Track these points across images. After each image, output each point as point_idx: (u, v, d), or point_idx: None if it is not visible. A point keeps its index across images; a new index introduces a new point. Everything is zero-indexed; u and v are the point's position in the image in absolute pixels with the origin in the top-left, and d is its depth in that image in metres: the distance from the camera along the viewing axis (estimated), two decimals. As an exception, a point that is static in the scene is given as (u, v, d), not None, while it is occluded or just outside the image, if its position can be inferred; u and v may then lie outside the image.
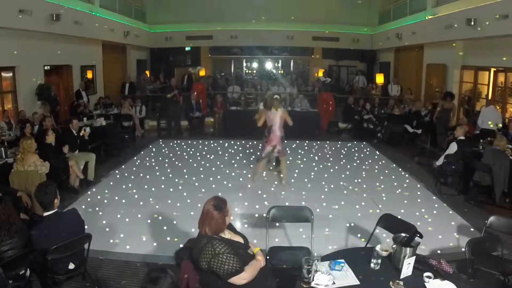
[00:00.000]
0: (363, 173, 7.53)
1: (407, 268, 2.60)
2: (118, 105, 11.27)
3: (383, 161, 8.53)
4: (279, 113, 6.51)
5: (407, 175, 7.48)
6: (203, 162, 8.16)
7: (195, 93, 12.11)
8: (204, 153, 9.01)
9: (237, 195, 6.22)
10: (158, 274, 2.07)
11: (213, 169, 7.70)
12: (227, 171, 7.54)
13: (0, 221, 3.19)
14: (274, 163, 7.57)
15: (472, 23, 9.05)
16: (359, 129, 11.25)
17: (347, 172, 7.58)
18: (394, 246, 2.73)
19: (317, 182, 6.93)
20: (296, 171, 7.57)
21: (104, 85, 13.32)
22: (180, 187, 6.58)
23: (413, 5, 13.61)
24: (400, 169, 7.86)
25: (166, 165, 7.96)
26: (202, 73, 14.22)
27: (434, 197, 6.32)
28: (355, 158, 8.71)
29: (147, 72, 15.69)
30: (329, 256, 2.87)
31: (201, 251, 2.51)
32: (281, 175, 6.92)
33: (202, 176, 7.24)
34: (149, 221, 5.25)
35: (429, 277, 2.54)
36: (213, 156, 8.73)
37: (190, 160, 8.31)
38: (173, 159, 8.45)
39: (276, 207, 3.85)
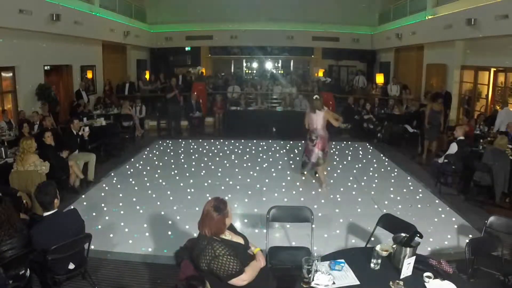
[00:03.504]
0: (363, 173, 7.53)
1: (407, 268, 2.60)
2: (118, 105, 11.27)
3: (383, 161, 8.53)
4: (321, 114, 6.34)
5: (407, 175, 7.47)
6: (203, 162, 8.16)
7: (195, 93, 12.11)
8: (204, 153, 9.00)
9: (237, 195, 6.22)
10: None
11: (213, 169, 7.69)
12: (227, 171, 7.53)
13: (0, 221, 3.19)
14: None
15: (472, 23, 9.05)
16: (359, 129, 11.24)
17: (347, 172, 7.57)
18: (394, 246, 2.73)
19: (318, 182, 6.92)
20: (293, 166, 7.58)
21: (104, 85, 13.32)
22: (180, 187, 6.58)
23: (413, 5, 13.60)
24: (400, 169, 7.86)
25: (166, 165, 7.96)
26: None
27: (434, 197, 6.32)
28: (355, 158, 8.71)
29: (147, 72, 15.68)
30: (329, 256, 2.87)
31: (201, 252, 2.50)
32: (320, 179, 6.70)
33: (202, 176, 7.24)
34: (149, 221, 5.25)
35: (429, 277, 2.54)
36: (213, 156, 8.73)
37: (190, 160, 8.31)
38: (173, 159, 8.45)
39: (276, 207, 3.84)
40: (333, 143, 10.09)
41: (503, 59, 9.10)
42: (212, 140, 10.28)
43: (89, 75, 12.64)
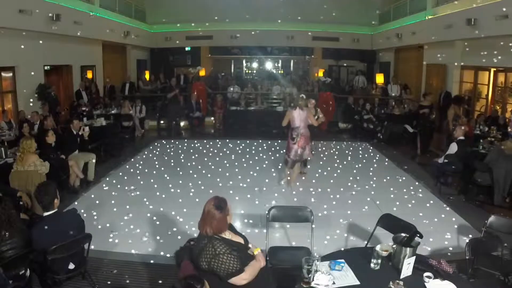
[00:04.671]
0: (363, 173, 7.53)
1: (407, 268, 2.60)
2: (118, 105, 11.27)
3: (383, 161, 8.53)
4: (305, 112, 6.35)
5: (407, 175, 7.47)
6: (203, 162, 8.16)
7: (195, 93, 12.12)
8: (204, 153, 9.01)
9: (237, 195, 6.21)
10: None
11: (213, 169, 7.69)
12: (227, 171, 7.53)
13: (0, 221, 3.19)
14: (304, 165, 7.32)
15: (472, 23, 9.05)
16: (359, 129, 11.25)
17: (347, 172, 7.57)
18: (394, 246, 2.73)
19: (317, 182, 6.93)
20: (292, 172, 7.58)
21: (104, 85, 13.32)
22: (180, 187, 6.58)
23: (413, 5, 13.61)
24: (400, 169, 7.86)
25: (166, 165, 7.95)
26: (202, 73, 14.21)
27: (434, 197, 6.32)
28: (355, 158, 8.71)
29: (147, 72, 15.69)
30: (329, 256, 2.87)
31: (202, 251, 2.50)
32: (292, 178, 6.70)
33: (202, 176, 7.23)
34: (149, 221, 5.25)
35: (429, 277, 2.54)
36: (213, 156, 8.73)
37: (190, 160, 8.31)
38: (173, 159, 8.45)
39: (276, 207, 3.85)
40: (333, 143, 10.15)
41: (503, 59, 9.09)
42: (212, 140, 10.28)
43: (89, 75, 12.63)
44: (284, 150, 6.73)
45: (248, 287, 2.54)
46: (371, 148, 9.82)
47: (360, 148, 9.77)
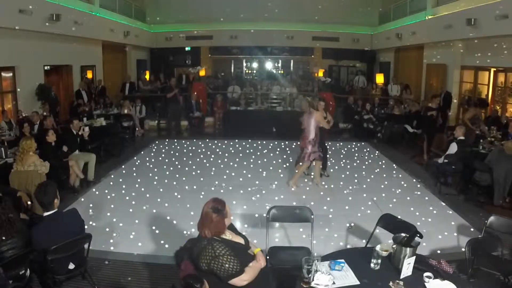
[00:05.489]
0: (363, 173, 7.53)
1: (407, 268, 2.60)
2: (118, 105, 11.27)
3: (383, 161, 8.53)
4: (312, 115, 6.39)
5: (407, 175, 7.47)
6: (203, 162, 8.16)
7: (195, 93, 12.12)
8: (204, 153, 9.01)
9: (237, 195, 6.22)
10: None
11: (213, 169, 7.70)
12: (227, 171, 7.54)
13: (0, 221, 3.19)
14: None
15: (472, 23, 9.05)
16: (359, 129, 11.25)
17: (347, 172, 7.58)
18: (394, 246, 2.73)
19: (314, 183, 6.92)
20: (296, 171, 7.57)
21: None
22: (179, 187, 6.58)
23: (413, 5, 13.61)
24: (400, 169, 7.86)
25: (166, 165, 7.96)
26: (202, 73, 14.21)
27: (434, 197, 6.32)
28: (355, 158, 8.71)
29: (147, 72, 15.68)
30: (329, 256, 2.87)
31: (201, 252, 2.50)
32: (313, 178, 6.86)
33: (202, 176, 7.23)
34: (149, 221, 5.24)
35: (429, 277, 2.54)
36: (213, 156, 8.73)
37: (190, 160, 8.31)
38: (173, 159, 8.46)
39: (276, 207, 3.84)
40: (333, 143, 10.13)
41: (503, 59, 9.09)
42: (212, 140, 10.28)
43: (89, 75, 12.62)
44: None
45: (248, 287, 2.53)
46: (371, 148, 9.81)
47: (360, 148, 9.77)
